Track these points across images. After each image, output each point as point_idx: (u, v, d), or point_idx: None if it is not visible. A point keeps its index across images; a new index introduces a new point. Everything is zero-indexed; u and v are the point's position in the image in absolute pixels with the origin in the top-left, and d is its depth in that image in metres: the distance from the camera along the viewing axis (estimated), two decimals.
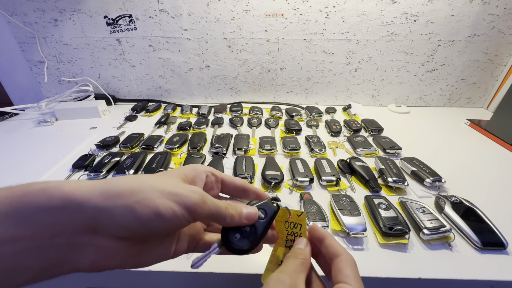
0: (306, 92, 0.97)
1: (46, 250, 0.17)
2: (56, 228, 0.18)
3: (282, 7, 0.81)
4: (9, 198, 0.17)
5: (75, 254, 0.18)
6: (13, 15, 0.84)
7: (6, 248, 0.16)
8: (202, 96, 1.00)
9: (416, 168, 0.55)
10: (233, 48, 0.89)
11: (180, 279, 0.37)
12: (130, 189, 0.19)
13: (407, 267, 0.36)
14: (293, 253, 0.23)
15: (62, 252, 0.18)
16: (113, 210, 0.18)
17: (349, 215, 0.42)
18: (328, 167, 0.55)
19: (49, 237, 0.17)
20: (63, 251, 0.18)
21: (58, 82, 0.97)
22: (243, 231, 0.23)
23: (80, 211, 0.18)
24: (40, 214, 0.17)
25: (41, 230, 0.17)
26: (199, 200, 0.21)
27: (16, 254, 0.16)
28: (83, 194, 0.18)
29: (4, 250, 0.16)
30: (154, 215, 0.19)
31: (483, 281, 0.35)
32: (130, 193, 0.19)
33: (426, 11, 0.80)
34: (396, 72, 0.91)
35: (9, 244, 0.16)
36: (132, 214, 0.19)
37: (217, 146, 0.64)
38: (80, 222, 0.18)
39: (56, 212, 0.18)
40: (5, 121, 0.85)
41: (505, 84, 0.88)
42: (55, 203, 0.18)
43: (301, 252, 0.23)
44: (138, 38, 0.88)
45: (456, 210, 0.44)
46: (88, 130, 0.78)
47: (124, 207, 0.19)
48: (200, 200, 0.21)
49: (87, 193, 0.18)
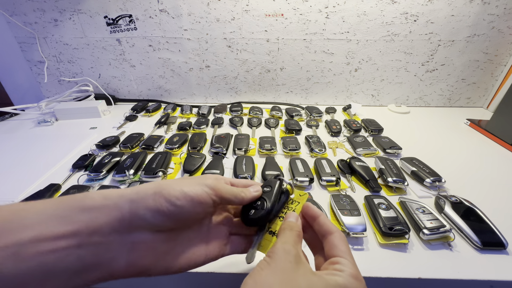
0: (306, 92, 0.97)
1: (84, 248, 0.19)
2: (94, 225, 0.19)
3: (282, 7, 0.81)
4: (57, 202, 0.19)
5: (111, 254, 0.20)
6: (13, 15, 0.84)
7: (48, 246, 0.17)
8: (202, 96, 1.00)
9: (416, 168, 0.55)
10: (233, 48, 0.89)
11: (180, 279, 0.37)
12: (156, 184, 0.22)
13: (407, 267, 0.36)
14: (288, 226, 0.25)
15: (99, 251, 0.19)
16: (145, 199, 0.21)
17: (349, 215, 0.42)
18: (328, 167, 0.55)
19: (88, 235, 0.19)
20: (100, 250, 0.19)
21: (58, 82, 0.97)
22: (255, 206, 0.27)
23: (115, 207, 0.20)
24: (81, 214, 0.19)
25: (81, 228, 0.19)
26: (215, 180, 0.25)
27: (55, 253, 0.17)
28: (118, 193, 0.21)
29: (45, 248, 0.17)
30: (182, 195, 0.22)
31: (483, 281, 0.35)
32: (156, 186, 0.22)
33: (426, 11, 0.80)
34: (396, 72, 0.91)
35: (51, 242, 0.17)
36: (162, 198, 0.21)
37: (217, 146, 0.64)
38: (116, 220, 0.20)
39: (96, 211, 0.19)
40: (5, 121, 0.85)
41: (505, 84, 0.88)
42: (96, 204, 0.20)
43: (295, 225, 0.25)
44: (138, 38, 0.88)
45: (456, 210, 0.44)
46: (88, 130, 0.78)
47: (154, 194, 0.21)
48: (215, 180, 0.25)
49: (121, 192, 0.21)
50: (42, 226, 0.17)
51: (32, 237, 0.17)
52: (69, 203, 0.19)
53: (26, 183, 0.53)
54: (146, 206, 0.21)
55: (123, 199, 0.20)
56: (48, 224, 0.18)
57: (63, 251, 0.18)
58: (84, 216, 0.19)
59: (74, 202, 0.19)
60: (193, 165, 0.57)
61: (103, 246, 0.19)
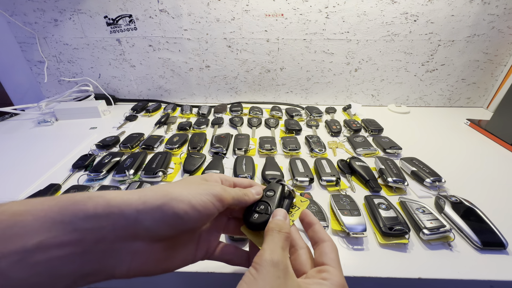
0: (306, 92, 0.97)
1: (89, 255, 0.18)
2: (100, 234, 0.19)
3: (282, 7, 0.81)
4: (58, 206, 0.18)
5: (114, 260, 0.20)
6: (13, 15, 0.84)
7: (53, 253, 0.17)
8: (202, 96, 1.00)
9: (416, 168, 0.55)
10: (233, 48, 0.89)
11: (179, 279, 0.37)
12: (164, 191, 0.22)
13: (407, 267, 0.36)
14: (276, 226, 0.24)
15: (103, 258, 0.19)
16: (152, 209, 0.20)
17: (349, 215, 0.42)
18: (328, 167, 0.55)
19: (93, 243, 0.19)
20: (104, 256, 0.19)
21: (58, 82, 0.97)
22: (259, 211, 0.27)
23: (122, 216, 0.20)
24: (87, 221, 0.19)
25: (86, 236, 0.18)
26: (222, 190, 0.24)
27: (61, 259, 0.17)
28: (124, 200, 0.20)
29: (51, 255, 0.17)
30: (189, 207, 0.22)
31: (483, 281, 0.35)
32: (164, 194, 0.22)
33: (426, 11, 0.80)
34: (396, 72, 0.91)
35: (56, 249, 0.17)
36: (170, 209, 0.21)
37: (217, 146, 0.64)
38: (122, 228, 0.20)
39: (101, 219, 0.19)
40: (5, 121, 0.85)
41: (505, 84, 0.88)
42: (100, 210, 0.19)
43: (284, 225, 0.24)
44: (138, 38, 0.88)
45: (456, 210, 0.44)
46: (88, 130, 0.78)
47: (162, 205, 0.21)
48: (222, 190, 0.25)
49: (127, 199, 0.20)
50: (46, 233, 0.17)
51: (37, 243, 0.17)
52: (71, 209, 0.18)
53: (26, 183, 0.53)
54: (153, 218, 0.20)
55: (130, 208, 0.20)
56: (51, 231, 0.17)
57: (69, 257, 0.18)
58: (89, 224, 0.18)
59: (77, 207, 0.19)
60: (193, 165, 0.57)
61: (107, 253, 0.19)
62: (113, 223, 0.19)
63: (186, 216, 0.21)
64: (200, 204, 0.22)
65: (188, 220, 0.22)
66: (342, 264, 0.24)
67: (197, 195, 0.22)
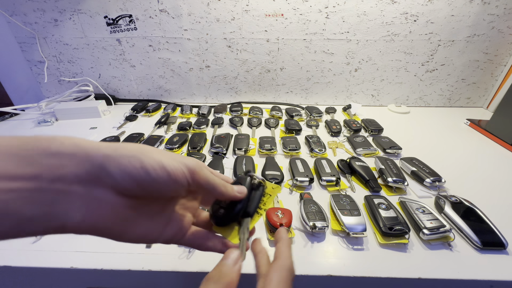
0: (306, 92, 0.97)
1: (42, 194, 0.17)
2: (59, 172, 0.18)
3: (282, 7, 0.81)
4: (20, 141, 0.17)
5: (68, 205, 0.18)
6: (13, 15, 0.84)
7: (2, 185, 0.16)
8: (202, 96, 1.00)
9: (416, 168, 0.55)
10: (233, 48, 0.89)
11: (179, 279, 0.37)
12: (138, 147, 0.21)
13: (407, 267, 0.36)
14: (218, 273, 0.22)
15: (57, 200, 0.18)
16: (121, 157, 0.19)
17: (349, 215, 0.42)
18: (328, 167, 0.55)
19: (49, 181, 0.17)
20: (58, 199, 0.18)
21: (58, 82, 0.97)
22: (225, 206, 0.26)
23: (88, 159, 0.18)
24: (47, 158, 0.17)
25: (43, 172, 0.17)
26: (196, 165, 0.23)
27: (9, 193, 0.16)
28: (93, 145, 0.19)
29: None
30: (159, 166, 0.20)
31: (483, 281, 0.35)
32: (137, 149, 0.21)
33: (426, 11, 0.80)
34: (396, 72, 0.91)
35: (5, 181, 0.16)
36: (138, 163, 0.20)
37: (217, 146, 0.64)
38: (85, 170, 0.18)
39: (63, 157, 0.18)
40: (5, 121, 0.85)
41: (505, 84, 0.88)
42: (64, 149, 0.18)
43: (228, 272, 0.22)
44: (138, 38, 0.88)
45: (456, 210, 0.44)
46: (88, 130, 0.78)
47: (132, 157, 0.20)
48: (197, 165, 0.23)
49: (96, 145, 0.19)
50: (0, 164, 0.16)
51: None
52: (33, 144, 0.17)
53: None
54: (119, 165, 0.19)
55: (97, 153, 0.19)
56: (7, 163, 0.16)
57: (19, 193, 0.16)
58: (49, 160, 0.17)
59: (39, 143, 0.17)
60: None
61: (63, 195, 0.18)
62: (76, 164, 0.18)
63: (154, 173, 0.20)
64: (170, 167, 0.21)
65: (155, 179, 0.20)
66: (343, 264, 0.24)
67: (169, 159, 0.21)
